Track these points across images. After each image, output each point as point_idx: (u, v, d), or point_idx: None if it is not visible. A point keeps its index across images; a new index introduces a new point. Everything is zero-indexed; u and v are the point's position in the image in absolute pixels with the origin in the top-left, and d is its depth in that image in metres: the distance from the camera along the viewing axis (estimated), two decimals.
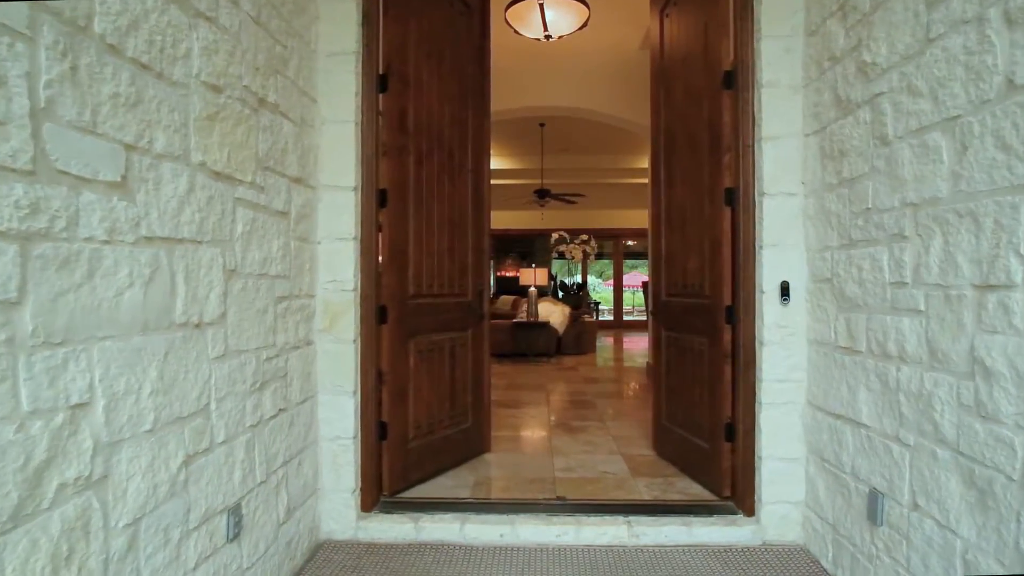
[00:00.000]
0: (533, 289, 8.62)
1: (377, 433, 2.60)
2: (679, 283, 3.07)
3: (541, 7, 3.95)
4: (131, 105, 1.30)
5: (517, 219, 13.80)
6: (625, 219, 13.85)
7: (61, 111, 1.11)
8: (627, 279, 15.77)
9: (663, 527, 2.42)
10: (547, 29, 4.12)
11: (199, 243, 1.57)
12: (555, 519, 2.48)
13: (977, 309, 1.43)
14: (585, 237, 11.64)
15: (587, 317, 9.85)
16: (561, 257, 12.93)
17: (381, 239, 2.63)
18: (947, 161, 1.54)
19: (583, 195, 10.58)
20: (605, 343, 10.78)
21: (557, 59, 5.41)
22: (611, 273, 15.95)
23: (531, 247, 15.07)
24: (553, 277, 14.83)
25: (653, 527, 2.42)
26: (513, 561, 2.29)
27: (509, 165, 9.77)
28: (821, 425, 2.25)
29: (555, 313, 8.51)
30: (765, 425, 2.41)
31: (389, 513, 2.55)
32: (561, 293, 14.06)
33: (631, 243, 15.15)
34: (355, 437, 2.48)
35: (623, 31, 4.98)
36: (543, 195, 9.68)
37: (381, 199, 2.60)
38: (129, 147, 1.30)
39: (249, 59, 1.85)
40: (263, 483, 1.94)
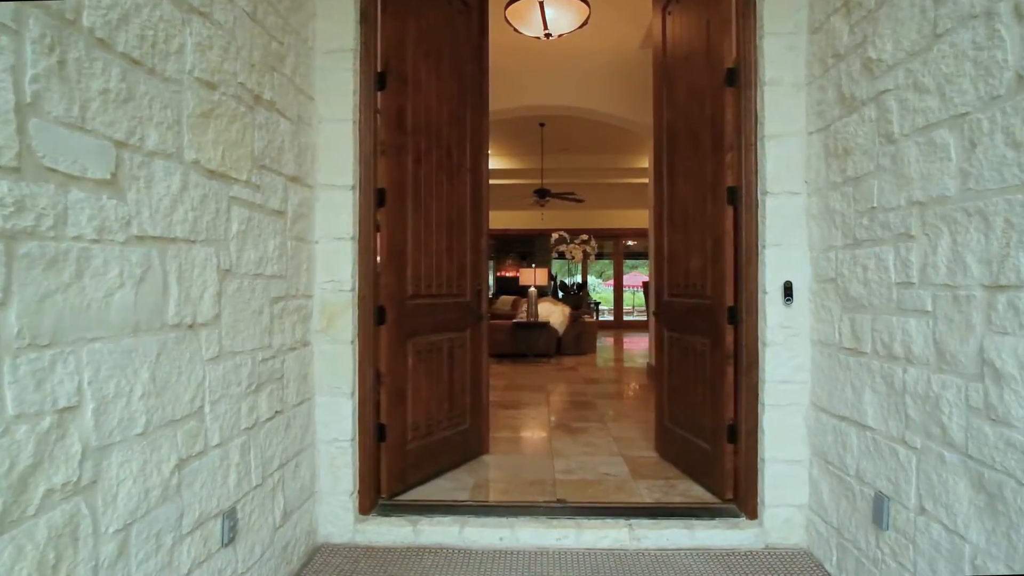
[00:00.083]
0: (533, 289, 8.60)
1: (375, 435, 2.57)
2: (681, 283, 3.04)
3: (541, 5, 3.92)
4: (122, 101, 1.27)
5: (517, 219, 13.78)
6: (625, 219, 13.83)
7: (48, 106, 1.08)
8: (627, 279, 15.75)
9: (665, 530, 2.39)
10: (547, 27, 4.09)
11: (192, 242, 1.54)
12: (555, 522, 2.45)
13: (987, 310, 1.40)
14: (585, 237, 11.62)
15: (587, 317, 9.83)
16: (561, 257, 12.91)
17: (379, 239, 2.60)
18: (955, 159, 1.51)
19: (582, 199, 10.55)
20: (605, 343, 10.75)
21: (557, 58, 5.38)
22: (611, 273, 15.93)
23: (531, 247, 15.05)
24: (553, 277, 14.81)
25: (654, 530, 2.39)
26: (513, 564, 2.26)
27: (509, 165, 9.74)
28: (825, 427, 2.22)
29: (555, 313, 8.49)
30: (768, 427, 2.38)
31: (387, 516, 2.52)
32: (561, 293, 14.03)
33: (631, 243, 15.12)
34: (353, 439, 2.45)
35: (623, 30, 4.95)
36: (543, 195, 9.65)
37: (379, 198, 2.57)
38: (120, 144, 1.27)
39: (244, 55, 1.82)
40: (259, 486, 1.91)
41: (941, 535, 1.56)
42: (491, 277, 15.04)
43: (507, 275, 15.15)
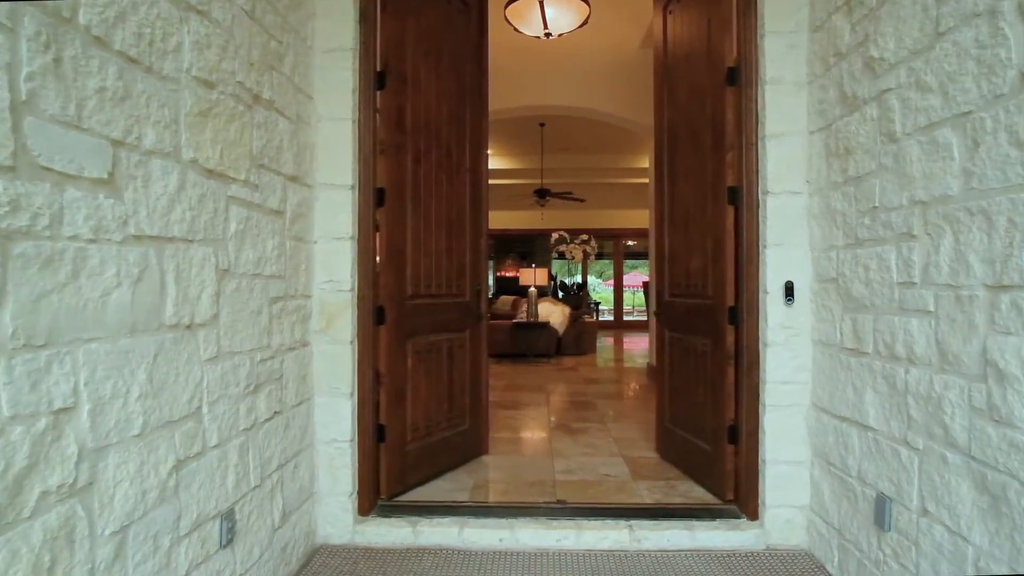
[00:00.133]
0: (533, 289, 8.59)
1: (374, 435, 2.56)
2: (682, 283, 3.03)
3: (541, 4, 3.91)
4: (119, 100, 1.26)
5: (517, 219, 13.76)
6: (625, 219, 13.81)
7: (44, 105, 1.07)
8: (627, 279, 15.74)
9: (665, 531, 2.38)
10: (547, 27, 4.09)
11: (190, 242, 1.53)
12: (555, 523, 2.44)
13: (990, 310, 1.39)
14: (585, 237, 11.61)
15: (587, 317, 9.82)
16: (561, 257, 12.90)
17: (378, 239, 2.59)
18: (958, 158, 1.50)
19: (583, 198, 10.53)
20: (605, 343, 10.74)
21: (557, 58, 5.37)
22: (611, 273, 15.92)
23: (531, 247, 15.04)
24: (553, 277, 14.80)
25: (655, 531, 2.38)
26: (513, 566, 2.25)
27: (509, 165, 9.73)
28: (826, 428, 2.21)
29: (555, 313, 8.48)
30: (769, 427, 2.37)
31: (387, 517, 2.51)
32: (561, 293, 14.02)
33: (631, 243, 15.11)
34: (352, 440, 2.44)
35: (623, 29, 4.94)
36: (543, 195, 9.64)
37: (379, 198, 2.56)
38: (116, 143, 1.26)
39: (243, 54, 1.81)
40: (257, 487, 1.90)
41: (944, 537, 1.55)
42: (491, 277, 15.03)
43: (507, 275, 15.14)
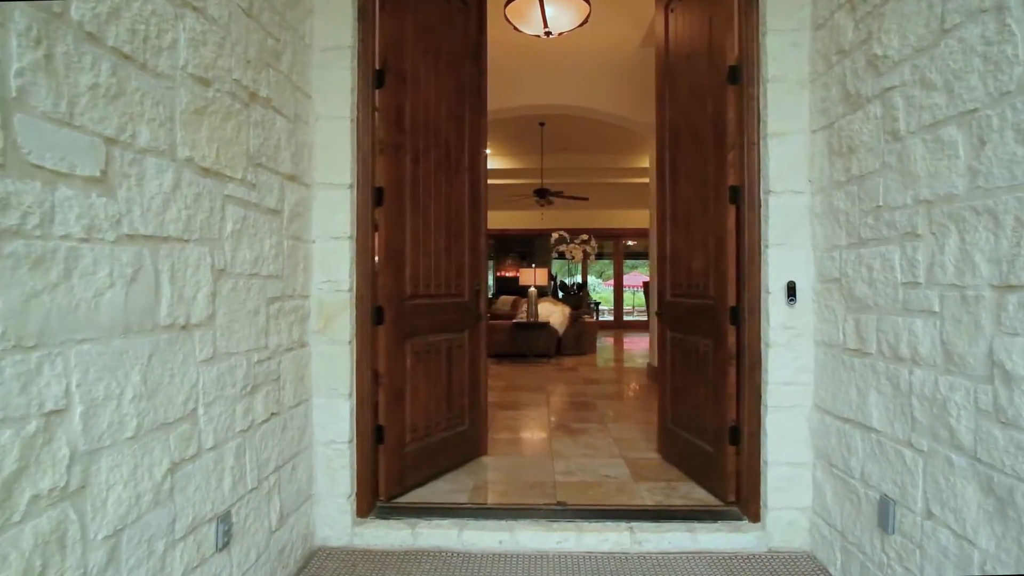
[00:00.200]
0: (533, 289, 8.57)
1: (373, 437, 2.54)
2: (683, 283, 3.01)
3: (541, 3, 3.89)
4: (112, 97, 1.24)
5: (517, 219, 13.74)
6: (625, 219, 13.79)
7: (34, 101, 1.05)
8: (627, 279, 15.72)
9: (666, 533, 2.36)
10: (547, 26, 4.06)
11: (186, 241, 1.51)
12: (555, 525, 2.42)
13: (996, 311, 1.37)
14: (585, 237, 11.59)
15: (587, 317, 9.80)
16: (561, 257, 12.88)
17: (377, 238, 2.57)
18: (963, 156, 1.48)
19: (585, 197, 10.50)
20: (605, 343, 10.72)
21: (557, 57, 5.35)
22: (611, 273, 15.90)
23: (531, 247, 15.01)
24: (553, 277, 14.78)
25: (656, 533, 2.36)
26: (513, 568, 2.23)
27: (509, 165, 9.71)
28: (829, 429, 2.19)
29: (555, 313, 8.46)
30: (771, 429, 2.35)
31: (385, 519, 2.49)
32: (561, 293, 14.00)
33: (631, 243, 15.09)
34: (351, 441, 2.42)
35: (624, 28, 4.92)
36: (543, 195, 9.61)
37: (377, 197, 2.54)
38: (110, 141, 1.24)
39: (240, 52, 1.79)
40: (254, 490, 1.87)
41: (949, 540, 1.53)
42: (491, 277, 15.01)
43: (507, 275, 15.12)
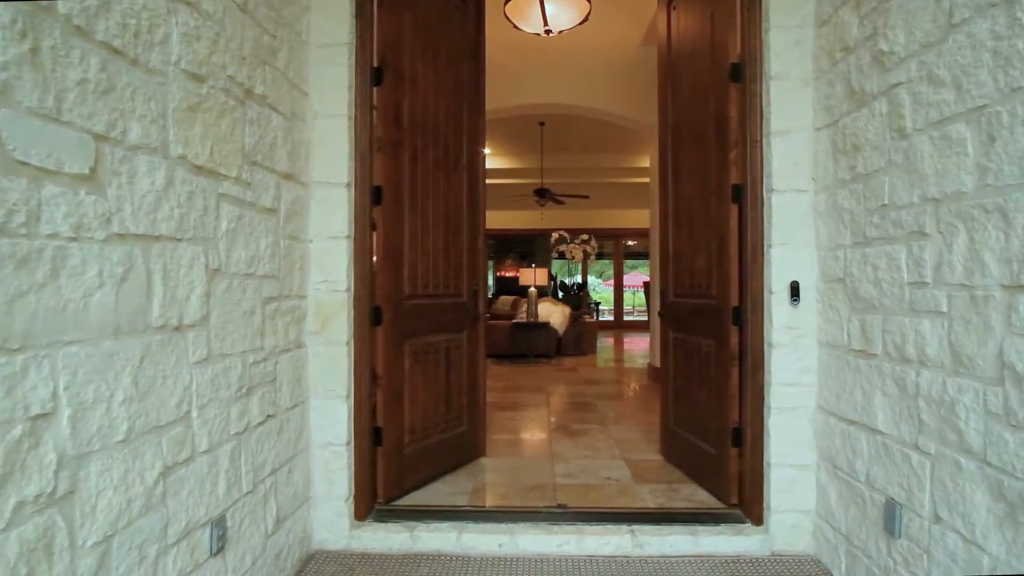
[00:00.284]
0: (533, 289, 8.53)
1: (371, 438, 2.51)
2: (686, 283, 2.98)
3: (541, 1, 3.86)
4: (102, 92, 1.21)
5: (517, 219, 13.70)
6: (625, 219, 13.76)
7: (19, 96, 1.01)
8: (627, 279, 15.68)
9: (668, 536, 2.33)
10: (547, 24, 4.03)
11: (179, 241, 1.48)
12: (556, 528, 2.39)
13: (1007, 311, 1.34)
14: (585, 237, 11.56)
15: (587, 317, 9.77)
16: (561, 257, 12.85)
17: (375, 238, 2.54)
18: (972, 153, 1.45)
19: (586, 196, 10.46)
20: (605, 344, 10.69)
21: (557, 55, 5.32)
22: (611, 273, 15.87)
23: (531, 247, 14.98)
24: (553, 277, 14.74)
25: (658, 536, 2.33)
26: (513, 572, 2.20)
27: (508, 164, 9.67)
28: (833, 431, 2.15)
29: (555, 313, 8.43)
30: (774, 430, 2.32)
31: (384, 522, 2.45)
32: (561, 293, 13.97)
33: (631, 243, 15.06)
34: (348, 443, 2.39)
35: (624, 27, 4.89)
36: (543, 195, 9.57)
37: (375, 196, 2.51)
38: (99, 137, 1.21)
39: (235, 48, 1.76)
40: (250, 493, 1.84)
41: (958, 545, 1.50)
42: (491, 277, 14.98)
43: (507, 275, 15.08)
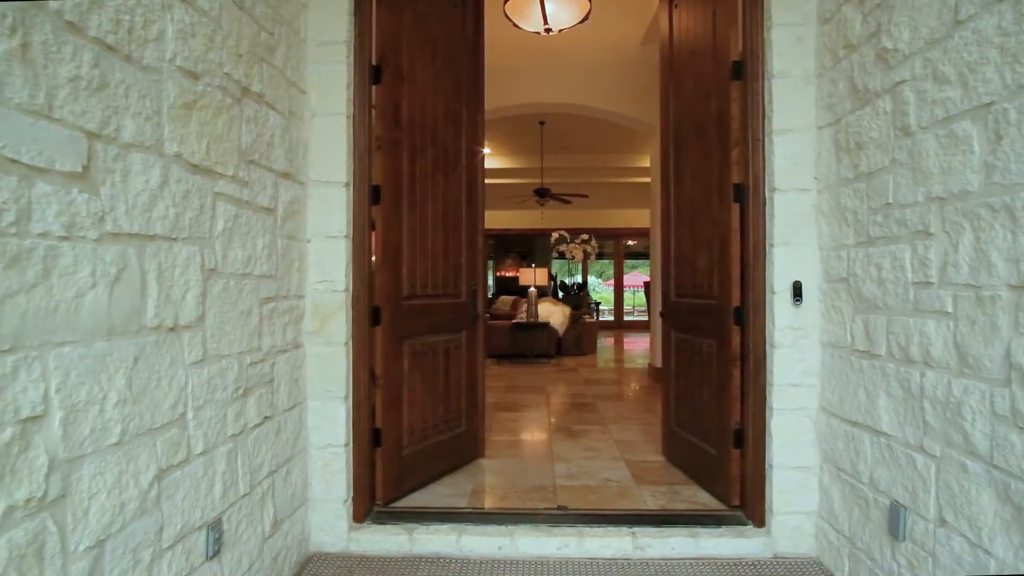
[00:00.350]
0: (533, 289, 8.51)
1: (370, 440, 2.49)
2: (688, 283, 2.96)
3: (541, 0, 3.84)
4: (94, 89, 1.19)
5: (517, 219, 13.68)
6: (626, 219, 13.74)
7: (9, 93, 0.99)
8: (628, 279, 15.66)
9: (669, 539, 2.31)
10: (547, 23, 4.01)
11: (174, 240, 1.46)
12: (556, 530, 2.37)
13: (1014, 311, 1.32)
14: (585, 237, 11.53)
15: (587, 317, 9.74)
16: (561, 257, 12.83)
17: (374, 237, 2.52)
18: (978, 151, 1.43)
19: (586, 195, 10.43)
20: (605, 344, 10.67)
21: (557, 54, 5.30)
22: (611, 273, 15.84)
23: (531, 247, 14.96)
24: (553, 277, 14.72)
25: (659, 539, 2.31)
26: (512, 575, 2.18)
27: (508, 164, 9.65)
28: (836, 432, 2.13)
29: (555, 314, 8.40)
30: (776, 432, 2.30)
31: (382, 524, 2.43)
32: (561, 293, 13.95)
33: (632, 243, 15.04)
34: (347, 444, 2.37)
35: (625, 26, 4.87)
36: (543, 194, 9.55)
37: (374, 196, 2.49)
38: (92, 135, 1.19)
39: (231, 45, 1.74)
40: (247, 495, 1.82)
41: (963, 548, 1.48)
42: (491, 277, 14.95)
43: (507, 275, 15.06)
